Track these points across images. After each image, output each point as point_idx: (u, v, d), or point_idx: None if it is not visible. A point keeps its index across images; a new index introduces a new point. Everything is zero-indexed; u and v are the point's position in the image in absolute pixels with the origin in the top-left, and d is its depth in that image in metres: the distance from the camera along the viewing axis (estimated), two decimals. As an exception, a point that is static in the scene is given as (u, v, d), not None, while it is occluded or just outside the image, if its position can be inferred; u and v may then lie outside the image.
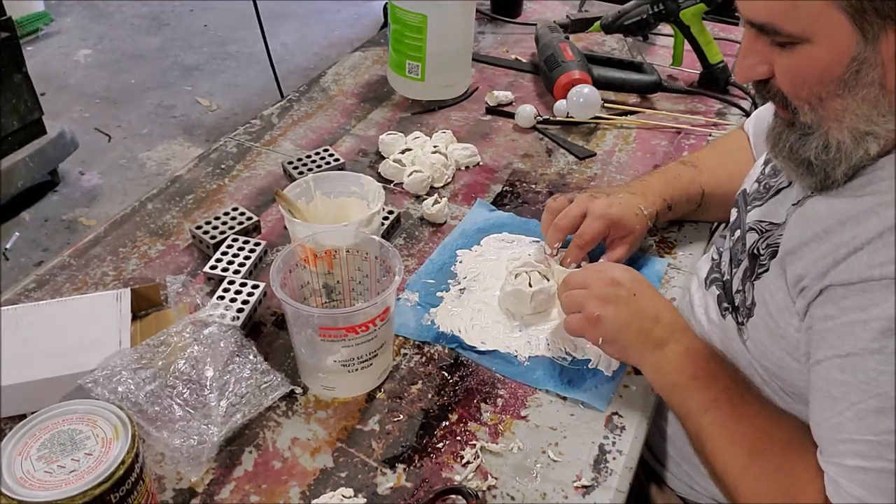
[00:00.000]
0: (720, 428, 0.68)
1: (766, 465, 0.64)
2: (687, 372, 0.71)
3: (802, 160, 0.63)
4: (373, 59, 1.48)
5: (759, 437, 0.66)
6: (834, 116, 0.59)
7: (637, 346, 0.74)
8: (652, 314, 0.74)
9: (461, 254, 0.96)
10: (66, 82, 3.18)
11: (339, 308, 0.83)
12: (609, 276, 0.77)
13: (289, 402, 0.76)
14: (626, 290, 0.75)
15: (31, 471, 0.53)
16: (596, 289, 0.76)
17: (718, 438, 0.68)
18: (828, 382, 0.59)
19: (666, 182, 0.97)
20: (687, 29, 1.34)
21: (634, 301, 0.75)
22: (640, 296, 0.75)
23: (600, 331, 0.75)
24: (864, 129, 0.58)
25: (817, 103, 0.60)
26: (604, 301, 0.75)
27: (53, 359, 0.72)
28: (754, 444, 0.66)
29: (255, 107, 3.04)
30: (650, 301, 0.75)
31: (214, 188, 1.08)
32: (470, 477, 0.70)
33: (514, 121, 1.26)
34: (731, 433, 0.67)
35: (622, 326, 0.74)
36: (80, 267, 0.92)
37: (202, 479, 0.68)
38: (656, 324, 0.73)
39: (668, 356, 0.72)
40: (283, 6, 3.90)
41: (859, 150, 0.59)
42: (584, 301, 0.76)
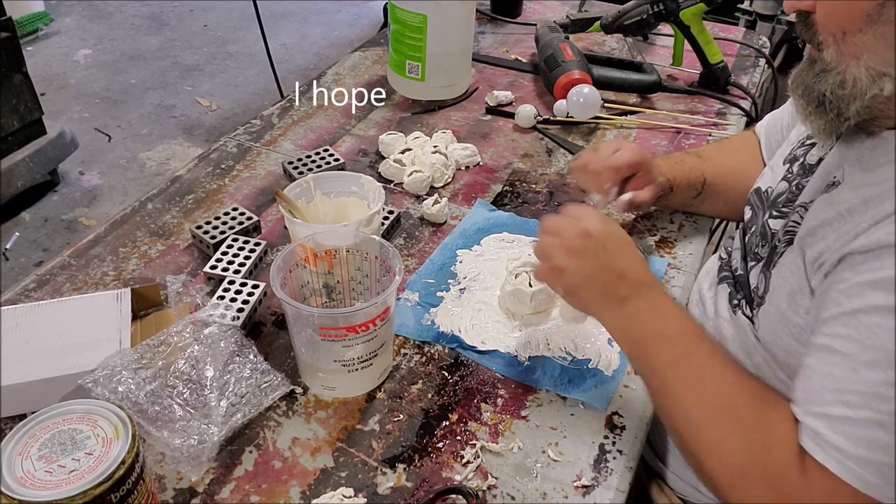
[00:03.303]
0: (685, 382, 0.66)
1: (735, 418, 0.63)
2: (651, 328, 0.69)
3: (816, 96, 0.64)
4: (373, 59, 1.48)
5: (728, 392, 0.65)
6: (853, 53, 0.60)
7: (599, 301, 0.72)
8: (618, 270, 0.71)
9: (461, 254, 0.96)
10: (66, 82, 3.18)
11: (339, 308, 0.83)
12: (582, 226, 0.73)
13: (289, 401, 0.76)
14: (596, 243, 0.72)
15: (32, 470, 0.53)
16: (566, 239, 0.73)
17: (683, 393, 0.66)
18: (829, 338, 0.59)
19: (670, 165, 0.99)
20: (687, 29, 1.34)
21: (603, 254, 0.72)
22: (609, 250, 0.72)
23: (563, 281, 0.73)
24: (881, 69, 0.59)
25: (841, 38, 0.61)
26: (571, 252, 0.73)
27: (53, 359, 0.72)
28: (722, 400, 0.64)
29: (255, 107, 3.04)
30: (619, 256, 0.72)
31: (214, 188, 1.08)
32: (470, 477, 0.70)
33: (514, 121, 1.26)
34: (696, 388, 0.65)
35: (586, 280, 0.72)
36: (80, 267, 0.92)
37: (202, 478, 0.68)
38: (622, 280, 0.71)
39: (631, 312, 0.70)
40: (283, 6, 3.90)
41: (874, 87, 0.60)
42: (553, 251, 0.74)
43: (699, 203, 1.01)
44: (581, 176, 0.94)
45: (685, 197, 1.00)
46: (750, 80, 1.44)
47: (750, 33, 1.70)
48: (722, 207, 1.01)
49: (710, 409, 0.64)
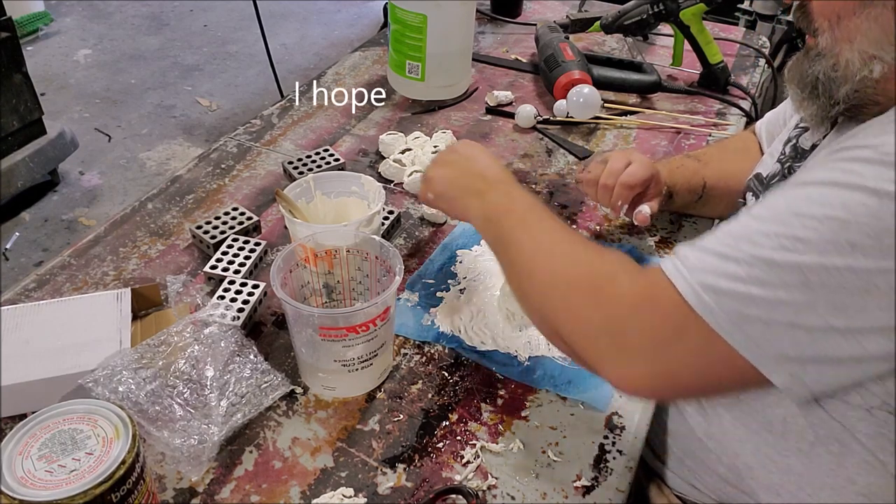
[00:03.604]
0: (529, 236, 0.70)
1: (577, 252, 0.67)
2: (504, 207, 0.74)
3: (810, 81, 0.66)
4: (373, 59, 1.48)
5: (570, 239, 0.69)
6: (847, 37, 0.61)
7: (461, 199, 0.78)
8: (479, 172, 0.78)
9: (461, 254, 0.96)
10: (66, 82, 3.18)
11: (340, 308, 0.83)
12: (452, 147, 0.85)
13: (289, 401, 0.76)
14: (459, 156, 0.82)
15: (32, 470, 0.53)
16: (439, 158, 0.85)
17: (525, 243, 0.70)
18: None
19: (669, 171, 0.99)
20: (687, 29, 1.34)
21: (465, 163, 0.81)
22: (471, 159, 0.81)
23: (431, 188, 0.82)
24: (873, 52, 0.60)
25: (836, 22, 0.62)
26: (438, 164, 0.83)
27: (53, 359, 0.72)
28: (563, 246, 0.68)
29: (255, 107, 3.04)
30: (481, 163, 0.80)
31: (214, 188, 1.08)
32: (470, 477, 0.70)
33: (514, 121, 1.26)
34: (539, 238, 0.70)
35: (449, 183, 0.80)
36: (80, 267, 0.92)
37: (202, 478, 0.68)
38: (482, 179, 0.78)
39: (489, 200, 0.76)
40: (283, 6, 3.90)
41: (864, 70, 0.61)
42: (427, 170, 0.85)
43: (700, 206, 1.01)
44: (591, 189, 0.95)
45: (686, 201, 1.00)
46: (750, 80, 1.44)
47: (750, 33, 1.70)
48: (724, 210, 1.01)
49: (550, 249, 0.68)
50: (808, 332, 0.53)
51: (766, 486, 0.71)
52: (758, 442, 0.70)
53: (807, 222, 0.53)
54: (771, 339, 0.54)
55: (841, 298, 0.51)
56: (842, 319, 0.52)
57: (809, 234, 0.53)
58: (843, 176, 0.54)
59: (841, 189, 0.53)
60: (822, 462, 0.66)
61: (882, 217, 0.51)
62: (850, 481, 0.65)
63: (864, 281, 0.51)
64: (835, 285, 0.51)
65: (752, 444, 0.71)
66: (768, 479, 0.71)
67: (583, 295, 0.63)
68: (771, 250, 0.54)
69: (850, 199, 0.52)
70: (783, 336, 0.53)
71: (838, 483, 0.65)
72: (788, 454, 0.68)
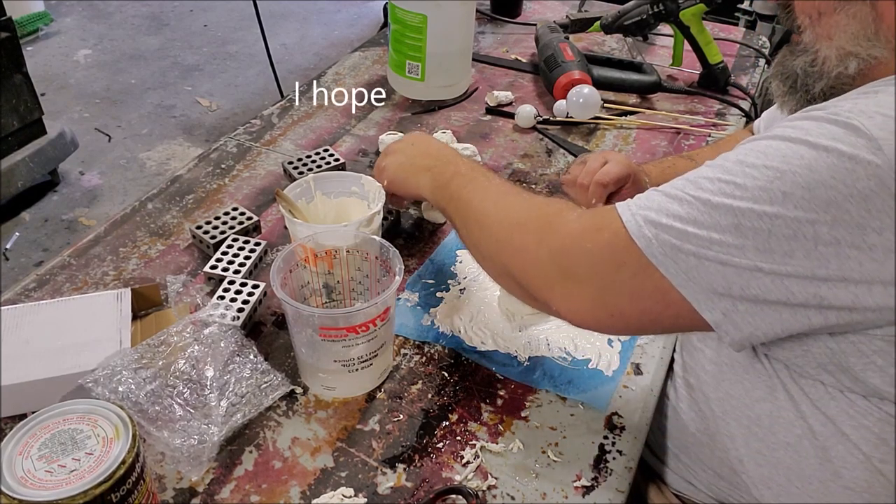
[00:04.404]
0: (477, 191, 0.76)
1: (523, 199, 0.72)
2: (450, 173, 0.81)
3: (790, 75, 0.68)
4: (373, 59, 1.48)
5: (516, 190, 0.75)
6: (827, 34, 0.63)
7: (413, 177, 0.85)
8: (425, 151, 0.87)
9: (461, 254, 0.96)
10: (66, 82, 3.18)
11: (339, 308, 0.83)
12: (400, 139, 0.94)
13: (289, 401, 0.76)
14: (406, 143, 0.91)
15: (32, 470, 0.53)
16: (388, 148, 0.92)
17: (475, 197, 0.75)
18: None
19: (661, 170, 1.00)
20: (687, 29, 1.34)
21: (411, 148, 0.89)
22: (417, 144, 0.90)
23: (384, 175, 0.89)
24: (850, 48, 0.62)
25: (816, 19, 0.64)
26: (388, 153, 0.91)
27: (53, 359, 0.72)
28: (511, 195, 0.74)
29: (255, 107, 3.04)
30: (426, 145, 0.89)
31: (214, 188, 1.08)
32: (470, 477, 0.70)
33: (514, 121, 1.27)
34: (487, 189, 0.76)
35: (399, 167, 0.87)
36: (80, 267, 0.92)
37: (202, 478, 0.68)
38: (427, 156, 0.86)
39: (436, 173, 0.82)
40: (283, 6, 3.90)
41: (840, 66, 0.63)
42: (378, 161, 0.92)
43: None
44: (572, 191, 0.98)
45: None
46: (750, 81, 1.44)
47: (750, 33, 1.70)
48: None
49: (498, 199, 0.74)
50: (737, 270, 0.55)
51: (757, 481, 0.71)
52: (747, 436, 0.71)
53: (747, 170, 0.56)
54: (702, 273, 0.56)
55: (768, 243, 0.54)
56: (768, 262, 0.54)
57: (747, 182, 0.55)
58: (792, 131, 0.56)
59: (786, 142, 0.56)
60: (809, 456, 0.66)
61: (816, 169, 0.52)
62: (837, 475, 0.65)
63: (793, 229, 0.53)
64: (764, 230, 0.54)
65: (742, 438, 0.71)
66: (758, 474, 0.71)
67: (531, 232, 0.67)
68: (711, 194, 0.57)
69: (790, 151, 0.54)
70: (713, 272, 0.56)
71: (825, 476, 0.65)
72: (777, 448, 0.68)
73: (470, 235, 0.75)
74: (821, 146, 0.53)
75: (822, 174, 0.52)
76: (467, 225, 0.75)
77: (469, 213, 0.75)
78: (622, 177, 0.93)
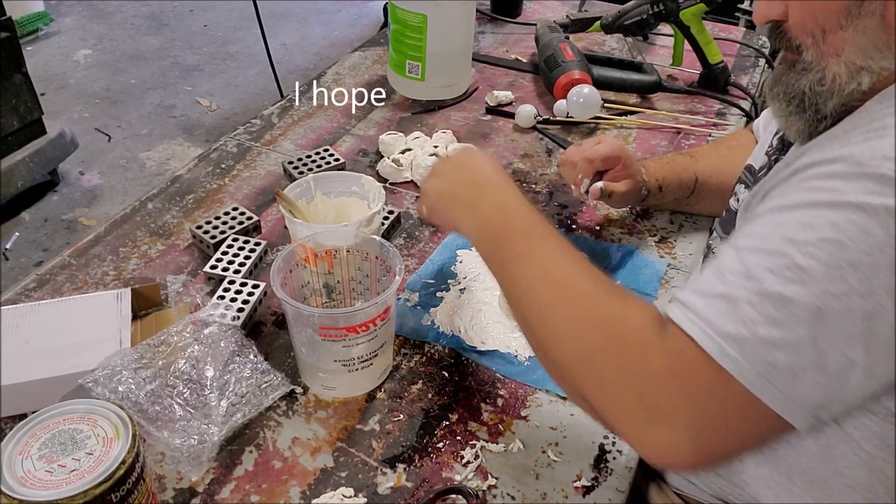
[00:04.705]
0: (536, 270, 0.65)
1: (586, 297, 0.61)
2: (501, 226, 0.69)
3: (796, 95, 0.64)
4: (373, 59, 1.48)
5: (578, 276, 0.63)
6: (834, 51, 0.61)
7: (453, 211, 0.75)
8: (469, 180, 0.74)
9: (461, 254, 0.96)
10: (66, 82, 3.18)
11: (340, 308, 0.83)
12: (448, 157, 0.81)
13: (289, 401, 0.76)
14: (452, 165, 0.78)
15: (32, 470, 0.53)
16: (433, 169, 0.80)
17: (535, 280, 0.64)
18: (733, 239, 0.60)
19: (659, 165, 1.01)
20: (687, 29, 1.34)
21: (457, 172, 0.76)
22: (463, 168, 0.77)
23: (425, 202, 0.79)
24: (861, 63, 0.60)
25: (821, 37, 0.61)
26: (432, 176, 0.79)
27: (53, 359, 0.72)
28: (573, 283, 0.63)
29: (255, 107, 3.04)
30: (473, 169, 0.76)
31: (214, 188, 1.08)
32: (470, 477, 0.70)
33: (514, 121, 1.27)
34: (548, 274, 0.64)
35: (440, 194, 0.76)
36: (80, 267, 0.92)
37: (202, 478, 0.68)
38: (471, 187, 0.74)
39: (483, 215, 0.71)
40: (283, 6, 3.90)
41: (852, 83, 0.60)
42: (423, 183, 0.81)
43: (694, 203, 1.02)
44: (563, 169, 0.99)
45: (678, 197, 1.01)
46: (750, 80, 1.44)
47: (750, 33, 1.70)
48: (718, 206, 1.01)
49: (562, 292, 0.63)
50: (833, 374, 0.52)
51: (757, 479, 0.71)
52: None
53: (803, 249, 0.52)
54: (799, 390, 0.53)
55: (853, 324, 0.51)
56: (859, 350, 0.51)
57: (809, 262, 0.52)
58: (824, 195, 0.54)
59: (826, 209, 0.53)
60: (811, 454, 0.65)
61: (872, 232, 0.50)
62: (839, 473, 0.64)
63: (872, 302, 0.50)
64: (844, 310, 0.51)
65: None
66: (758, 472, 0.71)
67: (607, 353, 0.59)
68: (777, 284, 0.52)
69: (837, 218, 0.52)
70: (810, 383, 0.52)
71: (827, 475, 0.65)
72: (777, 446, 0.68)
73: (528, 325, 0.65)
74: (867, 206, 0.51)
75: (878, 235, 0.50)
76: (520, 306, 0.66)
77: (523, 295, 0.65)
78: (611, 156, 0.94)
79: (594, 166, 0.94)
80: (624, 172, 0.95)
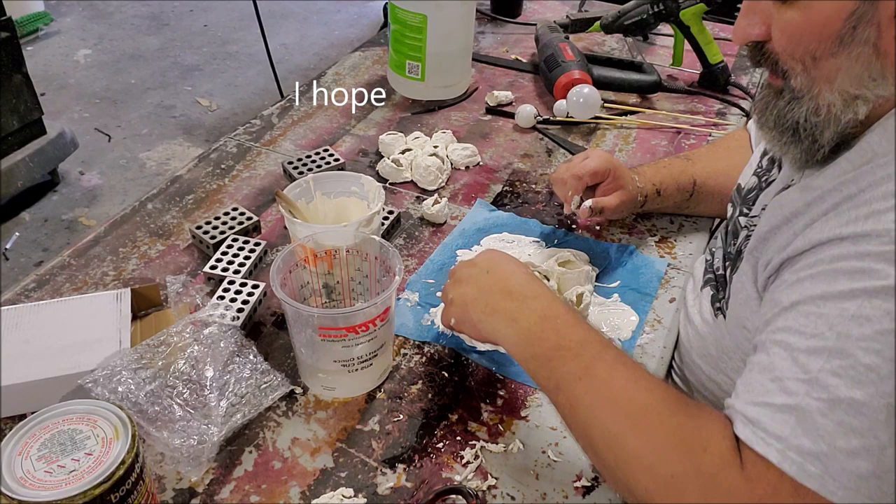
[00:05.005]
0: (599, 394, 0.61)
1: (662, 420, 0.58)
2: (550, 342, 0.65)
3: (790, 126, 0.62)
4: (373, 59, 1.48)
5: (649, 396, 0.60)
6: (826, 78, 0.59)
7: (487, 321, 0.70)
8: (501, 287, 0.70)
9: (461, 254, 0.96)
10: (66, 82, 3.18)
11: (339, 308, 0.83)
12: (471, 259, 0.75)
13: (289, 402, 0.76)
14: (479, 269, 0.73)
15: (32, 471, 0.53)
16: (455, 274, 0.75)
17: (599, 405, 0.60)
18: (771, 332, 0.58)
19: (656, 169, 1.00)
20: (687, 29, 1.34)
21: (485, 277, 0.72)
22: (492, 272, 0.72)
23: (451, 312, 0.74)
24: (855, 91, 0.58)
25: (811, 64, 0.59)
26: (456, 283, 0.74)
27: (53, 359, 0.72)
28: (645, 403, 0.59)
29: (255, 107, 3.04)
30: (502, 275, 0.71)
31: (214, 188, 1.08)
32: (470, 477, 0.70)
33: (514, 121, 1.26)
34: (613, 397, 0.60)
35: (469, 303, 0.71)
36: (80, 267, 0.92)
37: (202, 479, 0.68)
38: (507, 296, 0.69)
39: (525, 327, 0.67)
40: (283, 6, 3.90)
41: (848, 112, 0.58)
42: (445, 288, 0.76)
43: (694, 205, 1.01)
44: (555, 186, 0.98)
45: (677, 200, 1.00)
46: (750, 80, 1.44)
47: (750, 33, 1.70)
48: (718, 207, 1.01)
49: (630, 417, 0.59)
50: None
51: None
52: None
53: (863, 345, 0.51)
54: (887, 492, 0.51)
55: None
56: None
57: (874, 359, 0.50)
58: (867, 280, 0.52)
59: (874, 297, 0.51)
60: None
61: None
62: None
63: None
64: None
65: None
66: None
67: (688, 490, 0.55)
68: (846, 389, 0.51)
69: (891, 306, 0.50)
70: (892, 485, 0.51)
71: None
72: None
73: (594, 451, 0.62)
74: None
75: None
76: (586, 434, 0.62)
77: (588, 422, 0.61)
78: (600, 171, 0.93)
79: (583, 182, 0.94)
80: (615, 184, 0.95)
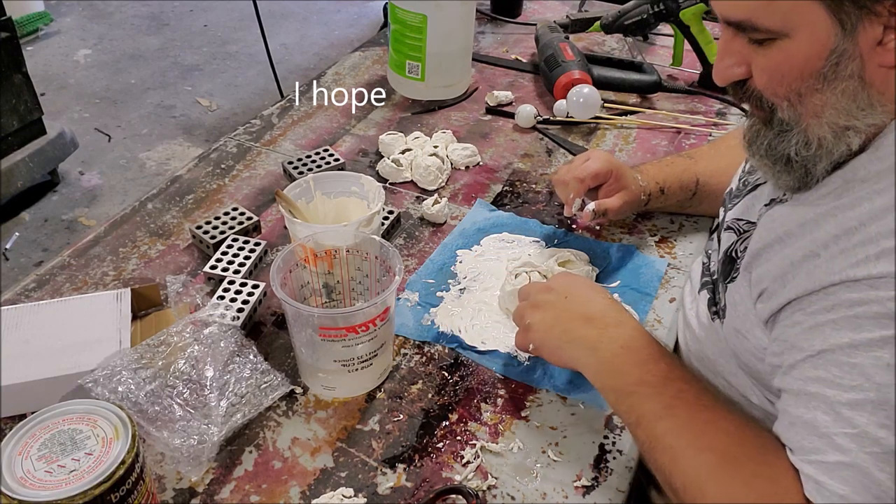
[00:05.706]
0: (680, 435, 0.62)
1: (739, 470, 0.59)
2: (632, 376, 0.66)
3: (781, 157, 0.62)
4: (373, 59, 1.48)
5: (727, 441, 0.61)
6: (813, 112, 0.59)
7: (567, 349, 0.70)
8: (582, 313, 0.70)
9: (461, 254, 0.96)
10: (66, 82, 3.18)
11: (339, 308, 0.83)
12: (546, 283, 0.76)
13: (289, 402, 0.76)
14: (557, 294, 0.73)
15: (32, 470, 0.53)
16: (531, 297, 0.75)
17: (679, 447, 0.61)
18: (802, 382, 0.58)
19: (659, 168, 1.00)
20: (687, 29, 1.34)
21: (564, 303, 0.72)
22: (571, 297, 0.72)
23: (530, 338, 0.73)
24: (844, 123, 0.58)
25: (796, 100, 0.59)
26: (534, 308, 0.74)
27: (53, 359, 0.72)
28: (723, 450, 0.60)
29: (255, 107, 3.04)
30: (582, 301, 0.72)
31: (214, 188, 1.08)
32: (470, 477, 0.70)
33: (514, 121, 1.26)
34: (693, 440, 0.61)
35: (549, 329, 0.71)
36: (80, 267, 0.92)
37: (202, 478, 0.68)
38: (587, 323, 0.70)
39: (606, 357, 0.68)
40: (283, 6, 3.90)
41: (840, 145, 0.58)
42: (521, 311, 0.75)
43: (696, 204, 1.01)
44: (557, 188, 0.98)
45: (680, 199, 1.00)
46: (750, 80, 1.44)
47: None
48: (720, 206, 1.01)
49: (711, 462, 0.60)
50: None
51: None
52: None
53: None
54: None
55: None
56: None
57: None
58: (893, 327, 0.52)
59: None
60: None
61: None
62: None
63: None
64: None
65: None
66: None
67: None
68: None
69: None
70: None
71: None
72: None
73: (672, 490, 0.62)
74: None
75: None
76: (665, 473, 0.62)
77: (669, 463, 0.62)
78: (601, 172, 0.93)
79: (585, 185, 0.93)
80: (617, 185, 0.94)
